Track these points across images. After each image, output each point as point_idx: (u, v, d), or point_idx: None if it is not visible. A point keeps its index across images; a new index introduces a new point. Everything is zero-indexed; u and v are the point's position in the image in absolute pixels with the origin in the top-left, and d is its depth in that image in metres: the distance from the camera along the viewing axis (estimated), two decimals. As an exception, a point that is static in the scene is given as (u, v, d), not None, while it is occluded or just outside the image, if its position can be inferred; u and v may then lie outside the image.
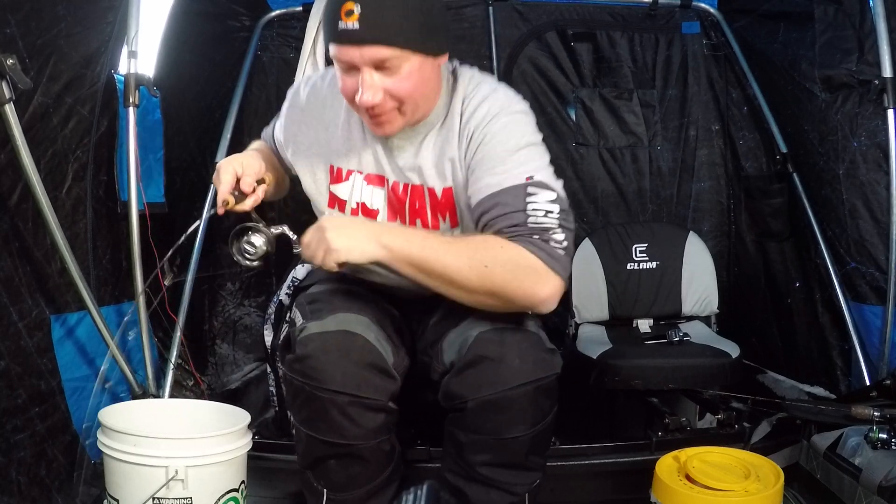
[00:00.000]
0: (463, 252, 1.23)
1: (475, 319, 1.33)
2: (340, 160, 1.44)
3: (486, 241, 1.25)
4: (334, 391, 1.25)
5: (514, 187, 1.26)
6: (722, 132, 2.84)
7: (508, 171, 1.28)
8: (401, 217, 1.42)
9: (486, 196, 1.28)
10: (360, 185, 1.43)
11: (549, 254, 1.22)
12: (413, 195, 1.40)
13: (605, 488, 1.84)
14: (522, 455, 1.31)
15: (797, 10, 2.23)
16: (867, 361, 2.05)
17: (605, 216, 2.86)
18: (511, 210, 1.24)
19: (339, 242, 1.23)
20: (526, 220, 1.23)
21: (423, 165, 1.38)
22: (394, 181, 1.41)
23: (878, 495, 1.50)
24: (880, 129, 1.94)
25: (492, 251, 1.22)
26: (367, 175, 1.43)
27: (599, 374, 2.08)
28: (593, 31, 2.80)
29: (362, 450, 1.32)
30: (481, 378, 1.26)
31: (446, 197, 1.38)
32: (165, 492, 1.42)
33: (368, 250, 1.24)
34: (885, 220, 1.94)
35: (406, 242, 1.25)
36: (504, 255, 1.22)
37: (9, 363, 1.52)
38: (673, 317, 2.56)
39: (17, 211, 1.56)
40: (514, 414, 1.27)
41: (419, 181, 1.39)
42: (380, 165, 1.41)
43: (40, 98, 1.57)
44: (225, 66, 2.54)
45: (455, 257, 1.23)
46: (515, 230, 1.23)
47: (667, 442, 1.81)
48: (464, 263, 1.22)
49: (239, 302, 2.67)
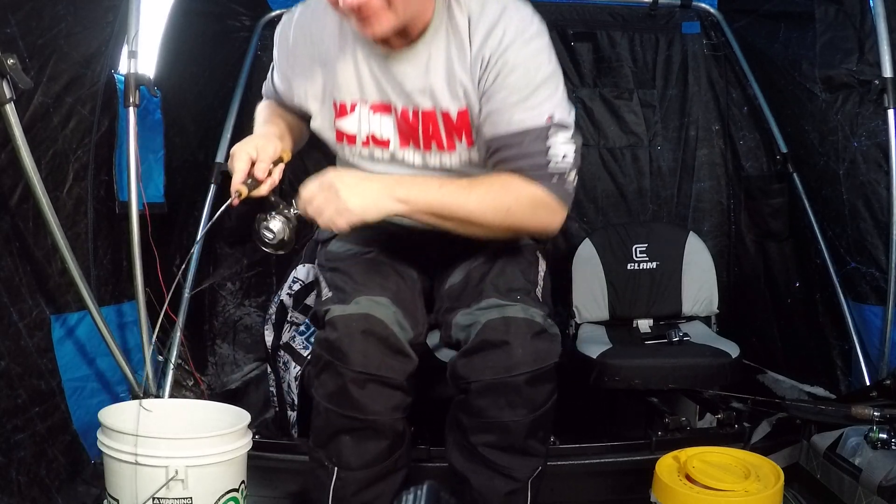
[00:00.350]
0: (485, 196, 1.28)
1: (486, 298, 1.38)
2: (342, 94, 1.41)
3: (507, 184, 1.29)
4: (356, 371, 1.31)
5: (537, 129, 1.28)
6: (722, 132, 2.84)
7: (531, 108, 1.28)
8: (414, 143, 1.39)
9: (508, 134, 1.29)
10: (366, 116, 1.40)
11: (565, 193, 1.31)
12: (425, 120, 1.37)
13: (605, 488, 1.84)
14: (522, 439, 1.36)
15: (797, 10, 2.23)
16: (867, 361, 2.05)
17: (605, 216, 2.86)
18: (533, 152, 1.28)
19: (353, 202, 1.21)
20: (546, 164, 1.28)
21: (435, 87, 1.34)
22: (402, 108, 1.37)
23: (878, 495, 1.50)
24: (880, 129, 1.94)
25: (513, 194, 1.29)
26: (373, 104, 1.39)
27: (599, 374, 2.08)
28: (593, 30, 2.80)
29: (378, 424, 1.36)
30: (486, 363, 1.33)
31: (462, 119, 1.36)
32: (165, 492, 1.42)
33: (385, 207, 1.25)
34: (885, 220, 1.94)
35: (424, 192, 1.27)
36: (525, 198, 1.29)
37: (9, 363, 1.52)
38: (673, 317, 2.56)
39: (18, 211, 1.56)
40: (514, 398, 1.33)
41: (431, 105, 1.35)
42: (384, 93, 1.38)
43: (41, 98, 1.57)
44: (225, 66, 2.54)
45: (478, 202, 1.28)
46: (536, 172, 1.29)
47: (667, 442, 1.81)
48: (487, 207, 1.28)
49: (239, 302, 2.67)
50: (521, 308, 1.37)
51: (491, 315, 1.36)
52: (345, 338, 1.32)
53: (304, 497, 1.81)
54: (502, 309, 1.36)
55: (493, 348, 1.33)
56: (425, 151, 1.40)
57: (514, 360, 1.32)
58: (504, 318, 1.35)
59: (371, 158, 1.45)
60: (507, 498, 1.38)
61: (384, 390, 1.34)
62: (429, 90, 1.34)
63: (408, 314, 1.41)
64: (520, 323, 1.34)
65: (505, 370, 1.32)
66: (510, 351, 1.32)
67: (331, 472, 1.39)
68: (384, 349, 1.34)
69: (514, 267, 1.49)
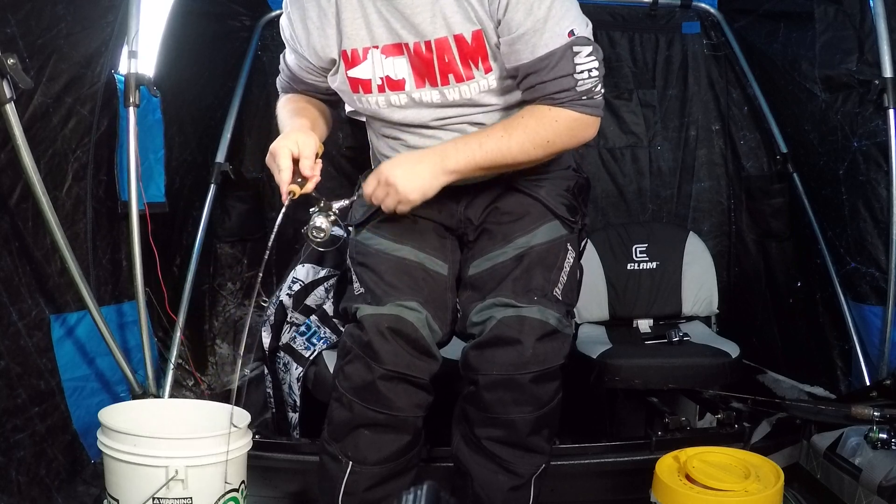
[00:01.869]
0: (524, 138, 1.35)
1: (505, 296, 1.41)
2: (352, 42, 1.41)
3: (541, 119, 1.36)
4: (387, 369, 1.35)
5: (561, 49, 1.31)
6: (722, 132, 2.84)
7: (550, 29, 1.30)
8: (430, 79, 1.40)
9: (533, 60, 1.32)
10: (379, 61, 1.41)
11: (595, 106, 1.39)
12: (439, 50, 1.37)
13: (605, 488, 1.84)
14: (526, 435, 1.38)
15: (797, 10, 2.22)
16: (867, 361, 2.05)
17: (605, 216, 2.86)
18: (561, 75, 1.32)
19: (410, 188, 1.33)
20: (575, 84, 1.33)
21: (446, 10, 1.34)
22: (414, 43, 1.38)
23: (878, 495, 1.50)
24: (880, 129, 1.94)
25: (550, 125, 1.36)
26: (384, 47, 1.40)
27: (599, 374, 2.08)
28: (593, 30, 2.79)
29: (401, 421, 1.40)
30: (496, 358, 1.37)
31: (477, 41, 1.36)
32: (165, 492, 1.42)
33: (438, 183, 1.35)
34: (885, 220, 1.94)
35: (469, 156, 1.35)
36: (562, 126, 1.36)
37: (9, 363, 1.52)
38: (673, 317, 2.56)
39: (17, 211, 1.56)
40: (520, 395, 1.36)
41: (444, 31, 1.36)
42: (395, 33, 1.38)
43: (40, 98, 1.57)
44: (225, 66, 2.54)
45: (519, 146, 1.36)
46: (566, 95, 1.34)
47: (667, 442, 1.81)
48: (528, 146, 1.36)
49: (239, 302, 2.67)
50: (538, 309, 1.39)
51: (507, 312, 1.39)
52: (376, 337, 1.36)
53: (304, 497, 1.81)
54: (519, 308, 1.39)
55: (504, 345, 1.36)
56: (443, 86, 1.41)
57: (524, 359, 1.35)
58: (519, 316, 1.38)
59: (389, 105, 1.45)
60: (509, 494, 1.39)
61: (410, 388, 1.39)
62: (440, 14, 1.35)
63: (437, 315, 1.45)
64: (534, 323, 1.37)
65: (513, 367, 1.35)
66: (521, 349, 1.35)
67: (345, 466, 1.39)
68: (413, 350, 1.39)
69: (539, 267, 1.48)
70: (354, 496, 1.39)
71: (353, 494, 1.39)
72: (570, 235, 1.55)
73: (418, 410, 1.42)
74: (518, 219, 1.52)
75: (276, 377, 2.07)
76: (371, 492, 1.39)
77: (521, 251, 1.48)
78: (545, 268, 1.48)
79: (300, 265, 2.17)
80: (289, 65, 1.58)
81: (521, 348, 1.35)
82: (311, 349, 1.95)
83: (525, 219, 1.51)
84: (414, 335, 1.38)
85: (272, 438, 1.93)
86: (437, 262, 1.52)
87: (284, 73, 1.62)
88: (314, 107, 1.58)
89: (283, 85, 1.66)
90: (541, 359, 1.36)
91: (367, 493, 1.39)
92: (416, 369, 1.38)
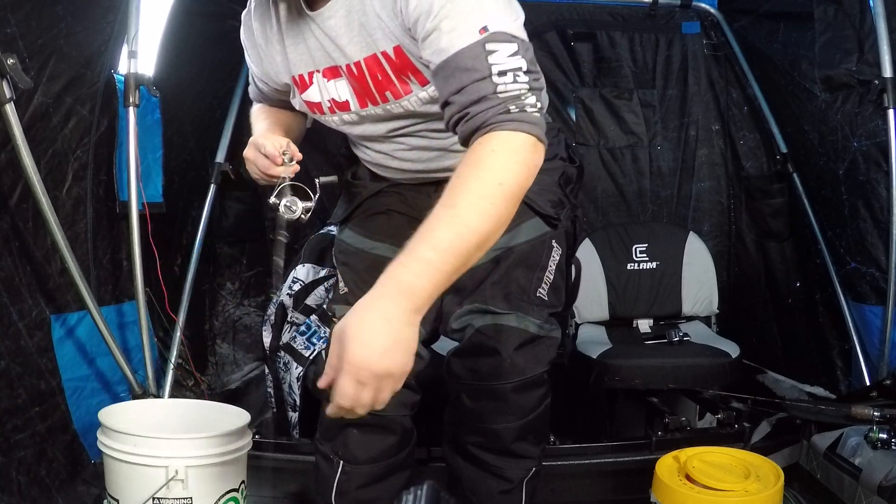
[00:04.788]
0: (472, 195, 0.99)
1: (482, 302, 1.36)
2: (298, 68, 1.38)
3: (478, 163, 1.01)
4: None
5: (470, 48, 1.04)
6: (722, 132, 2.84)
7: (456, 25, 1.05)
8: (370, 98, 1.33)
9: (441, 64, 1.07)
10: (323, 84, 1.37)
11: (531, 122, 1.04)
12: (371, 68, 1.27)
13: (605, 488, 1.84)
14: (510, 443, 1.37)
15: (797, 10, 2.23)
16: (867, 361, 2.05)
17: (605, 216, 2.86)
18: (474, 79, 1.04)
19: (372, 357, 0.93)
20: (495, 89, 1.04)
21: (366, 30, 1.23)
22: (346, 65, 1.31)
23: (878, 495, 1.50)
24: (880, 129, 1.94)
25: (487, 166, 1.01)
26: (324, 71, 1.35)
27: (599, 374, 2.08)
28: (593, 31, 2.80)
29: (386, 420, 1.37)
30: (475, 366, 1.35)
31: (400, 56, 1.23)
32: (165, 492, 1.42)
33: (408, 336, 0.95)
34: (885, 220, 1.94)
35: (427, 273, 0.95)
36: (500, 159, 1.01)
37: (9, 363, 1.52)
38: (673, 317, 2.56)
39: (18, 211, 1.56)
40: (502, 405, 1.35)
41: (369, 50, 1.25)
42: (329, 56, 1.32)
43: (40, 98, 1.57)
44: (225, 66, 2.54)
45: (478, 215, 0.98)
46: (488, 107, 1.03)
47: (667, 442, 1.81)
48: (484, 204, 0.98)
49: (239, 302, 2.67)
50: (516, 317, 1.35)
51: (485, 321, 1.35)
52: None
53: (303, 497, 1.81)
54: (496, 316, 1.35)
55: (483, 355, 1.34)
56: (384, 104, 1.32)
57: (502, 369, 1.33)
58: (496, 325, 1.34)
59: (344, 123, 1.43)
60: (500, 497, 1.39)
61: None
62: (361, 34, 1.25)
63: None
64: (511, 332, 1.34)
65: (493, 378, 1.33)
66: (499, 360, 1.33)
67: (336, 465, 1.40)
68: None
69: (519, 268, 1.42)
70: (347, 495, 1.39)
71: (345, 494, 1.39)
72: (554, 232, 1.48)
73: (404, 409, 1.40)
74: None
75: (276, 377, 2.07)
76: (363, 491, 1.39)
77: (499, 252, 1.40)
78: (527, 268, 1.42)
79: (300, 265, 2.17)
80: (255, 79, 1.56)
81: (500, 358, 1.32)
82: (311, 349, 1.95)
83: None
84: None
85: (272, 438, 1.93)
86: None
87: (253, 84, 1.59)
88: (285, 116, 1.56)
89: (252, 93, 1.64)
90: (520, 368, 1.33)
91: (360, 491, 1.39)
92: None
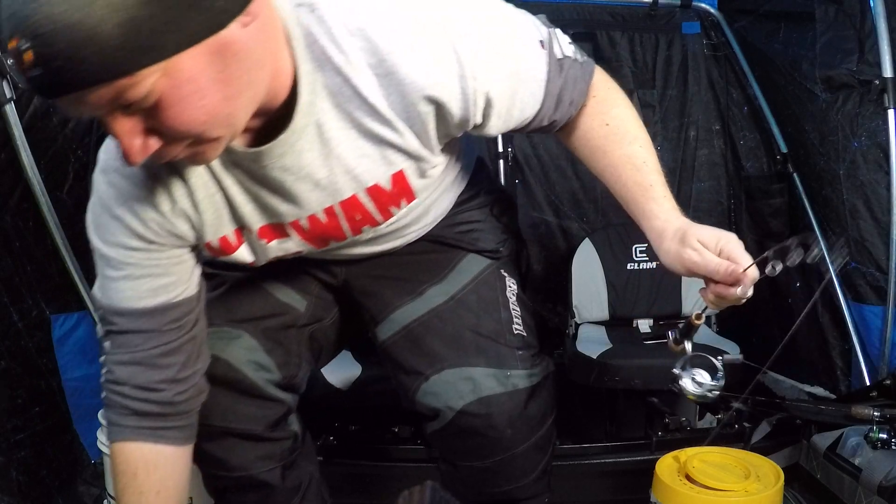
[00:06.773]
0: (628, 119, 1.18)
1: (445, 367, 1.13)
2: (213, 232, 0.97)
3: (603, 100, 1.12)
4: (204, 423, 1.08)
5: (547, 83, 0.99)
6: (722, 132, 2.84)
7: (526, 73, 0.96)
8: (337, 237, 1.05)
9: (534, 118, 1.02)
10: (258, 245, 1.01)
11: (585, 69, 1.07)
12: (348, 211, 0.99)
13: (605, 488, 1.84)
14: (523, 496, 1.23)
15: (798, 10, 2.22)
16: (867, 361, 2.05)
17: (605, 216, 2.86)
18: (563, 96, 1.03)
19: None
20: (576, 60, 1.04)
21: (349, 163, 0.93)
22: (308, 216, 0.99)
23: (878, 495, 1.50)
24: (881, 129, 1.94)
25: (612, 99, 1.13)
26: (259, 230, 0.99)
27: (599, 374, 2.08)
28: (593, 31, 2.80)
29: (252, 480, 1.18)
30: (467, 447, 1.16)
31: (398, 182, 0.98)
32: (165, 492, 1.42)
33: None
34: (886, 220, 1.94)
35: (664, 184, 1.16)
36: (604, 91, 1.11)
37: (9, 363, 1.52)
38: (673, 317, 2.55)
39: (18, 211, 1.56)
40: (509, 472, 1.18)
41: (350, 189, 0.96)
42: (269, 212, 0.97)
43: (40, 98, 1.57)
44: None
45: (641, 128, 1.18)
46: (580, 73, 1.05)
47: (667, 442, 1.81)
48: (632, 121, 1.19)
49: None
50: (495, 378, 1.11)
51: (464, 399, 1.11)
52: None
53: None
54: (474, 385, 1.11)
55: (474, 435, 1.12)
56: (355, 236, 1.06)
57: (504, 444, 1.13)
58: (479, 400, 1.10)
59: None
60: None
61: (241, 443, 1.14)
62: (348, 173, 0.94)
63: (276, 350, 1.16)
64: (502, 401, 1.11)
65: (496, 454, 1.14)
66: (498, 436, 1.12)
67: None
68: (235, 395, 1.12)
69: (478, 312, 1.18)
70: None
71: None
72: (499, 263, 1.26)
73: (268, 463, 1.18)
74: (423, 263, 1.20)
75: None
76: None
77: (438, 304, 1.17)
78: (487, 305, 1.19)
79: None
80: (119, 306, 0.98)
81: (498, 434, 1.12)
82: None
83: (431, 261, 1.21)
84: (232, 376, 1.12)
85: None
86: (296, 286, 1.22)
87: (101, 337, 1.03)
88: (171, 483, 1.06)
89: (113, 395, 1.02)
90: (522, 435, 1.13)
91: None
92: (243, 419, 1.13)
